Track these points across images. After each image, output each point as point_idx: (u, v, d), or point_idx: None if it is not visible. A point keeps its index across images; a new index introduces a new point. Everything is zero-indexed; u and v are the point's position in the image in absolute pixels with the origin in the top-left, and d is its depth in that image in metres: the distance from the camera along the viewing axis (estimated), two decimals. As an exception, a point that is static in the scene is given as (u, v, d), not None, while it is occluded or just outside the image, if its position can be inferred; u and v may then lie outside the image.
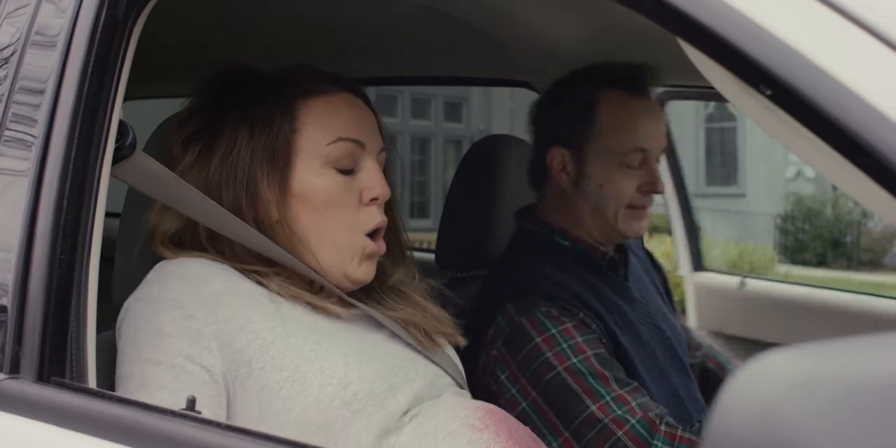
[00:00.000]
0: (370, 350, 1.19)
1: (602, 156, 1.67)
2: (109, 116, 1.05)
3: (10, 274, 1.01)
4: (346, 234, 1.22)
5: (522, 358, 1.55)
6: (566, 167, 1.69)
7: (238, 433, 0.89)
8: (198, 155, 1.22)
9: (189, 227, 1.21)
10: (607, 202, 1.67)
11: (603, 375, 1.52)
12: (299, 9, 1.81)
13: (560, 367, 1.52)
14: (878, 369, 0.52)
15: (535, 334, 1.55)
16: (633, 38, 1.84)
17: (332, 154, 1.22)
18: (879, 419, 0.50)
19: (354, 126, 1.24)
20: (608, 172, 1.67)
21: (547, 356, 1.53)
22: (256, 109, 1.22)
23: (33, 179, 1.03)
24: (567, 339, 1.54)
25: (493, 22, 1.91)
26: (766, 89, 0.71)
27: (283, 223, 1.20)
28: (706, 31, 0.73)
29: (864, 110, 0.66)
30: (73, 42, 1.06)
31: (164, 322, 1.10)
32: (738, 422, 0.53)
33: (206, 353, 1.09)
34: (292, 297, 1.17)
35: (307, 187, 1.21)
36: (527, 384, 1.55)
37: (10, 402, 0.97)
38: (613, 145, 1.66)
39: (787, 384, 0.53)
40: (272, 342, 1.11)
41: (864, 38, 0.70)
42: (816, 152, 0.70)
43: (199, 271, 1.15)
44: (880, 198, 0.68)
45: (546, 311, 1.56)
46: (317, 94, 1.24)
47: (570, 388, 1.52)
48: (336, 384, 1.10)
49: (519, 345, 1.56)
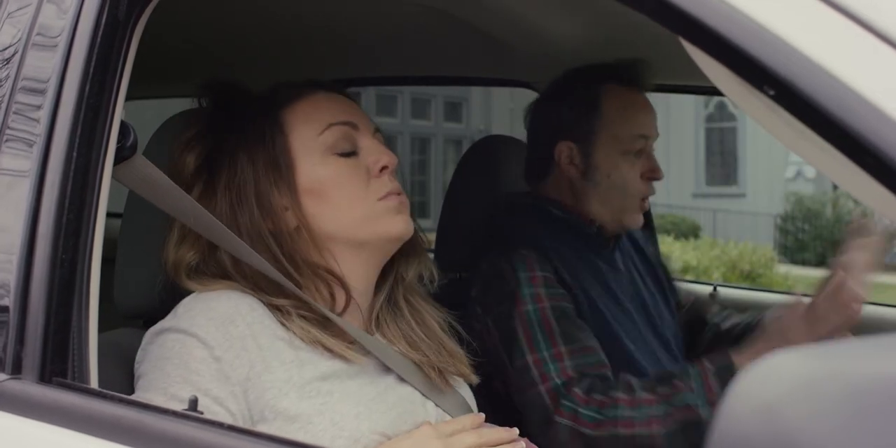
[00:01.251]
0: (382, 396, 1.19)
1: (608, 145, 1.76)
2: (111, 117, 1.05)
3: (12, 274, 1.01)
4: (361, 207, 1.22)
5: (493, 294, 1.65)
6: (574, 159, 1.77)
7: (239, 433, 0.89)
8: (203, 188, 1.23)
9: (210, 256, 1.20)
10: (616, 191, 1.76)
11: (550, 328, 1.59)
12: (300, 9, 1.81)
13: (514, 312, 1.61)
14: (881, 370, 0.52)
15: (508, 276, 1.64)
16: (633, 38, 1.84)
17: (327, 140, 1.23)
18: (882, 420, 0.50)
19: (340, 111, 1.26)
20: (615, 161, 1.75)
21: (510, 298, 1.62)
22: (247, 132, 1.24)
23: (35, 180, 1.02)
24: (531, 286, 1.62)
25: (494, 22, 1.91)
26: (769, 89, 0.71)
27: (304, 228, 1.20)
28: (709, 32, 0.73)
29: (867, 110, 0.66)
30: (75, 42, 1.06)
31: (193, 359, 1.10)
32: (742, 422, 0.53)
33: (231, 398, 1.09)
34: (311, 342, 1.16)
35: (314, 179, 1.21)
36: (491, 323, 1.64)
37: (12, 403, 0.96)
38: (618, 134, 1.76)
39: (790, 385, 0.53)
40: (287, 393, 1.11)
41: (868, 38, 0.70)
42: (819, 152, 0.70)
43: (229, 312, 1.14)
44: (883, 198, 0.67)
45: (524, 255, 1.65)
46: (295, 99, 1.26)
47: (516, 334, 1.60)
48: (347, 437, 1.11)
49: (493, 286, 1.65)
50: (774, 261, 12.10)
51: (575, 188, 1.78)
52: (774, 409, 0.52)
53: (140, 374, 1.13)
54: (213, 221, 1.16)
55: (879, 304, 2.43)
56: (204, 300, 1.16)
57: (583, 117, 1.77)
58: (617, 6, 0.83)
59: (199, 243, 1.20)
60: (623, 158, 1.75)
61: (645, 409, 1.51)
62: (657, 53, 1.59)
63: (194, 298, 1.17)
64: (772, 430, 0.51)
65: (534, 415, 1.56)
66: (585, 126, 1.77)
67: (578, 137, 1.77)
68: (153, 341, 1.14)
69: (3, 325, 1.00)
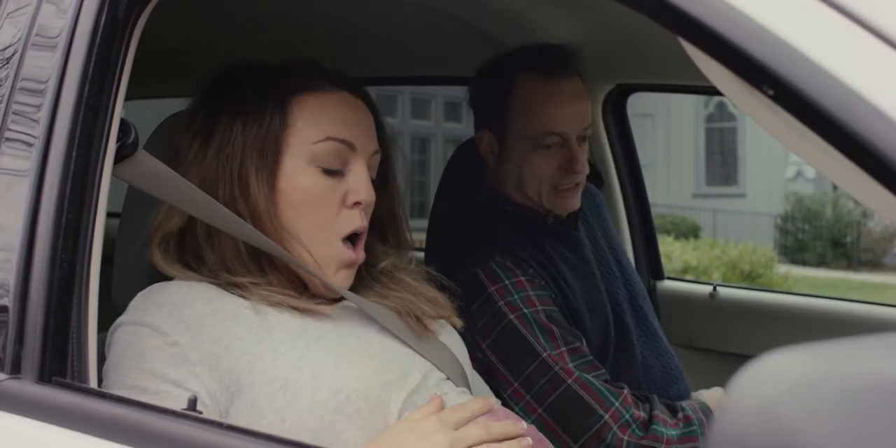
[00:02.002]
0: (363, 346, 1.17)
1: (518, 139, 1.72)
2: (110, 117, 1.05)
3: (12, 274, 1.01)
4: (322, 235, 1.20)
5: (477, 308, 1.61)
6: (492, 149, 1.76)
7: (239, 433, 0.89)
8: (197, 149, 1.22)
9: (189, 227, 1.20)
10: (527, 182, 1.73)
11: (550, 330, 1.58)
12: (300, 9, 1.82)
13: (511, 316, 1.58)
14: (880, 370, 0.52)
15: (488, 284, 1.61)
16: (633, 38, 1.84)
17: (318, 153, 1.20)
18: (881, 420, 0.50)
19: (346, 126, 1.23)
20: (525, 155, 1.72)
21: (499, 305, 1.59)
22: (252, 103, 1.21)
23: (34, 180, 1.02)
24: (519, 291, 1.60)
25: (493, 22, 1.91)
26: (768, 89, 0.71)
27: (271, 216, 1.19)
28: (708, 31, 0.73)
29: (867, 110, 0.66)
30: (74, 42, 1.06)
31: (146, 348, 1.09)
32: (740, 422, 0.53)
33: (192, 378, 1.08)
34: (276, 304, 1.16)
35: (290, 184, 1.20)
36: (477, 335, 1.60)
37: (11, 403, 0.96)
38: (526, 128, 1.71)
39: (789, 385, 0.53)
40: (261, 355, 1.10)
41: (867, 38, 0.70)
42: (819, 152, 0.70)
43: (181, 296, 1.14)
44: (883, 198, 0.67)
45: (500, 261, 1.63)
46: (311, 91, 1.23)
47: (520, 337, 1.57)
48: (328, 389, 1.09)
49: (474, 295, 1.61)
50: (774, 261, 12.12)
51: (498, 177, 1.76)
52: (773, 408, 0.52)
53: (102, 376, 1.12)
54: (221, 209, 1.16)
55: (879, 304, 2.43)
56: (153, 292, 1.16)
57: (496, 108, 1.73)
58: (616, 6, 0.83)
59: (183, 213, 1.19)
60: (534, 152, 1.70)
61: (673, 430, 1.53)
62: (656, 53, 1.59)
63: (146, 291, 1.16)
64: (771, 430, 0.51)
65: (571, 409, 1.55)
66: (498, 117, 1.73)
67: (493, 127, 1.75)
68: (110, 340, 1.14)
69: (2, 325, 1.00)
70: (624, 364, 1.71)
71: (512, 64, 1.74)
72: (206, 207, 1.16)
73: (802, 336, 2.20)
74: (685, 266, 10.77)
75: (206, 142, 1.22)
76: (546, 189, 1.72)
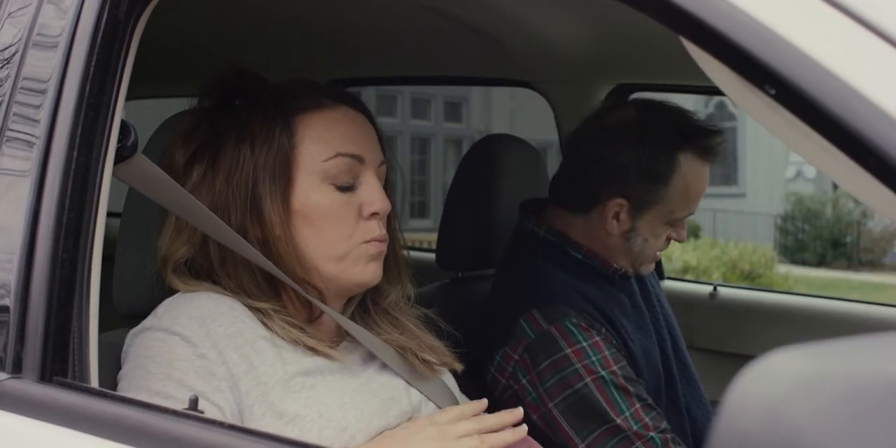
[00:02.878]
0: (364, 386, 1.20)
1: (660, 215, 1.68)
2: (111, 117, 1.05)
3: (13, 274, 1.01)
4: (343, 246, 1.21)
5: (547, 366, 1.57)
6: (620, 217, 1.67)
7: (240, 433, 0.89)
8: (204, 175, 1.21)
9: (201, 252, 1.20)
10: (645, 254, 1.71)
11: (626, 389, 1.55)
12: (299, 9, 1.82)
13: (588, 379, 1.54)
14: (883, 369, 0.52)
15: (564, 345, 1.56)
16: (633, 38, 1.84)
17: (330, 170, 1.21)
18: (883, 419, 0.50)
19: (352, 140, 1.23)
20: (657, 231, 1.69)
21: (576, 367, 1.55)
22: (256, 124, 1.21)
23: (35, 179, 1.02)
24: (596, 352, 1.56)
25: (494, 22, 1.91)
26: (770, 89, 0.71)
27: (287, 239, 1.20)
28: (710, 31, 0.73)
29: (869, 110, 0.66)
30: (75, 42, 1.06)
31: (176, 357, 1.10)
32: (743, 422, 0.53)
33: (218, 393, 1.08)
34: (292, 341, 1.17)
35: (305, 204, 1.20)
36: (544, 393, 1.57)
37: (12, 402, 0.96)
38: (674, 209, 1.68)
39: (791, 384, 0.53)
40: (273, 388, 1.11)
41: (869, 37, 0.70)
42: (820, 152, 0.70)
43: (210, 311, 1.14)
44: (884, 197, 0.67)
45: (576, 322, 1.58)
46: (314, 109, 1.23)
47: (595, 399, 1.54)
48: (334, 427, 1.11)
49: (545, 353, 1.57)
50: (774, 261, 12.11)
51: (606, 240, 1.69)
52: (775, 408, 0.52)
53: (122, 375, 1.12)
54: (215, 219, 1.16)
55: (879, 304, 2.43)
56: (185, 300, 1.16)
57: (650, 184, 1.64)
58: (617, 6, 0.83)
59: (192, 239, 1.20)
60: (664, 228, 1.69)
61: None
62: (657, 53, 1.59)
63: (175, 299, 1.17)
64: (772, 430, 0.51)
65: None
66: (648, 193, 1.65)
67: (634, 199, 1.65)
68: (133, 342, 1.14)
69: (3, 325, 1.00)
70: (671, 416, 1.70)
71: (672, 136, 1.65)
72: (200, 215, 1.16)
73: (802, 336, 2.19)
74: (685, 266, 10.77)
75: (212, 166, 1.21)
76: (652, 257, 1.73)
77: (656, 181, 1.64)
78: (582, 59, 2.08)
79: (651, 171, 1.64)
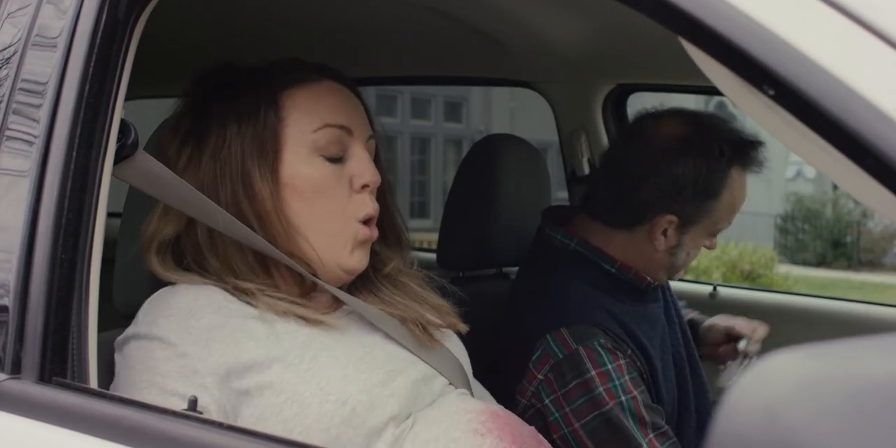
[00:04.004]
0: (369, 355, 1.17)
1: (706, 229, 1.68)
2: (111, 117, 1.05)
3: (12, 274, 1.01)
4: (337, 222, 1.21)
5: (573, 387, 1.55)
6: (667, 233, 1.65)
7: (239, 433, 0.89)
8: (190, 155, 1.21)
9: (187, 233, 1.20)
10: (684, 265, 1.71)
11: (643, 420, 1.54)
12: (300, 9, 1.81)
13: (610, 404, 1.53)
14: (883, 371, 0.52)
15: (590, 366, 1.55)
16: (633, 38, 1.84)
17: (318, 141, 1.21)
18: (884, 421, 0.50)
19: (340, 112, 1.24)
20: (699, 242, 1.70)
21: (600, 390, 1.54)
22: (242, 102, 1.21)
23: (34, 179, 1.02)
24: (619, 376, 1.55)
25: (494, 22, 1.91)
26: (768, 89, 0.71)
27: (278, 213, 1.19)
28: (709, 31, 0.73)
29: (868, 110, 0.66)
30: (74, 42, 1.06)
31: (156, 362, 1.08)
32: (743, 423, 0.53)
33: (202, 390, 1.06)
34: (283, 313, 1.15)
35: (295, 176, 1.20)
36: (570, 413, 1.56)
37: (11, 403, 0.96)
38: (719, 222, 1.68)
39: (792, 385, 0.53)
40: (269, 366, 1.10)
41: (867, 38, 0.70)
42: (819, 152, 0.70)
43: (189, 306, 1.13)
44: (883, 198, 0.67)
45: (603, 343, 1.56)
46: (300, 83, 1.24)
47: (614, 427, 1.53)
48: (334, 401, 1.09)
49: (572, 374, 1.56)
50: (774, 261, 12.12)
51: (650, 256, 1.67)
52: (775, 409, 0.52)
53: (112, 388, 1.11)
54: (222, 213, 1.16)
55: (879, 304, 2.43)
56: (162, 299, 1.15)
57: (701, 199, 1.63)
58: (616, 6, 0.83)
59: (180, 220, 1.19)
60: (707, 239, 1.70)
61: None
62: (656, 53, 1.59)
63: (153, 299, 1.16)
64: (772, 430, 0.51)
65: None
66: (699, 208, 1.64)
67: (685, 216, 1.64)
68: (119, 352, 1.13)
69: (2, 325, 1.00)
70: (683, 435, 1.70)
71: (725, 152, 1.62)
72: (204, 209, 1.16)
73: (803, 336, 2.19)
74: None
75: (198, 147, 1.21)
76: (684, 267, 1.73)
77: (709, 197, 1.63)
78: (582, 59, 2.08)
79: (706, 188, 1.62)
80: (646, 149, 1.65)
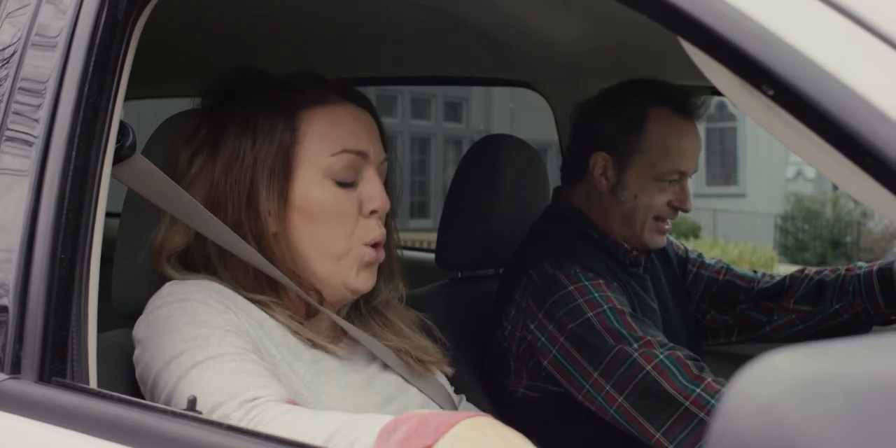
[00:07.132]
0: (367, 382, 1.20)
1: (643, 169, 1.73)
2: (110, 117, 1.05)
3: (11, 274, 1.01)
4: (344, 245, 1.21)
5: (552, 304, 1.61)
6: (607, 172, 1.75)
7: (239, 433, 0.89)
8: (203, 162, 1.20)
9: (196, 244, 1.20)
10: (638, 212, 1.74)
11: (629, 324, 1.57)
12: (300, 9, 1.82)
13: (591, 313, 1.57)
14: (882, 370, 0.52)
15: (567, 283, 1.61)
16: (633, 38, 1.84)
17: (334, 166, 1.20)
18: (882, 421, 0.50)
19: (357, 137, 1.23)
20: (646, 185, 1.74)
21: (578, 302, 1.59)
22: (259, 117, 1.20)
23: (34, 179, 1.02)
24: (598, 290, 1.60)
25: (494, 22, 1.91)
26: (768, 89, 0.71)
27: (282, 236, 1.19)
28: (708, 31, 0.73)
29: (867, 110, 0.66)
30: (74, 42, 1.06)
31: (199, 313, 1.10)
32: (741, 422, 0.53)
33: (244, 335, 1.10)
34: (295, 333, 1.17)
35: (306, 199, 1.19)
36: (554, 330, 1.60)
37: (11, 403, 0.96)
38: (656, 162, 1.73)
39: (790, 385, 0.53)
40: (280, 362, 1.12)
41: (867, 38, 0.70)
42: (819, 152, 0.70)
43: (215, 286, 1.15)
44: (883, 198, 0.67)
45: (581, 270, 1.63)
46: (320, 104, 1.22)
47: (599, 329, 1.56)
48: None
49: (549, 293, 1.62)
50: (774, 261, 12.13)
51: (601, 201, 1.76)
52: (773, 409, 0.52)
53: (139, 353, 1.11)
54: (214, 220, 1.16)
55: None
56: (180, 283, 1.16)
57: (624, 134, 1.74)
58: (616, 6, 0.83)
59: (188, 231, 1.19)
60: (655, 184, 1.73)
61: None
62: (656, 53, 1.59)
63: (173, 285, 1.16)
64: (770, 431, 0.51)
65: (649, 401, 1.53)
66: (625, 143, 1.74)
67: (616, 152, 1.74)
68: (145, 323, 1.13)
69: (2, 325, 1.00)
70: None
71: (644, 95, 1.76)
72: (199, 216, 1.15)
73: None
74: (685, 266, 10.76)
75: (212, 155, 1.21)
76: (650, 222, 1.75)
77: (631, 131, 1.72)
78: (582, 59, 2.08)
79: (627, 123, 1.73)
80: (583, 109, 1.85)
